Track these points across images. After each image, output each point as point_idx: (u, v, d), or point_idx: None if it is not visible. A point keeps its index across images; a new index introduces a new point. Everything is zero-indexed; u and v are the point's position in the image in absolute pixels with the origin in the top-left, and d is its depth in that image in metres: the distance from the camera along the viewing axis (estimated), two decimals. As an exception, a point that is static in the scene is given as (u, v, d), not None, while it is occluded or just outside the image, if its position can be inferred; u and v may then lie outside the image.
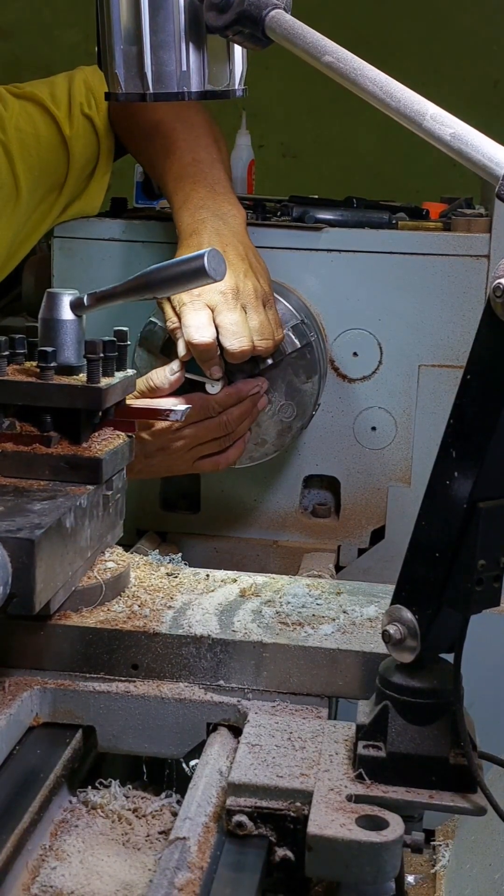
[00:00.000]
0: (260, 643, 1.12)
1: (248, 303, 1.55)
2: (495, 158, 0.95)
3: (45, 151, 1.75)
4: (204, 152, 1.69)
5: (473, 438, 0.93)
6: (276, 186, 2.33)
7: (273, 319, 1.59)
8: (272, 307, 1.60)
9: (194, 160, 1.67)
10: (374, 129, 3.43)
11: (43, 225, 1.81)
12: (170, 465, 1.65)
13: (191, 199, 1.63)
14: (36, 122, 1.75)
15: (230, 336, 1.52)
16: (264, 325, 1.56)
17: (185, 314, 1.52)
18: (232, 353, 1.54)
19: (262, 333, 1.56)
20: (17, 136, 1.72)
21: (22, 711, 1.09)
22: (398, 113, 1.02)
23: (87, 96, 1.77)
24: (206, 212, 1.61)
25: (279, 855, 0.95)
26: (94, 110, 1.77)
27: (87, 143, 1.78)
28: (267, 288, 1.59)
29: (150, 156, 1.75)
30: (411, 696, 0.97)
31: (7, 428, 1.16)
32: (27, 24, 4.00)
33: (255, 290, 1.55)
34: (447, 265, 1.75)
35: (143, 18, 1.20)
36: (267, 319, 1.57)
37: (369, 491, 1.83)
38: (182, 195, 1.64)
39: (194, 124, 1.71)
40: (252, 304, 1.55)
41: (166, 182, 1.69)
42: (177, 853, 0.92)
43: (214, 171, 1.67)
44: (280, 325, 1.61)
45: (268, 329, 1.56)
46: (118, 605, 1.18)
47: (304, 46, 1.09)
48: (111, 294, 1.20)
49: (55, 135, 1.75)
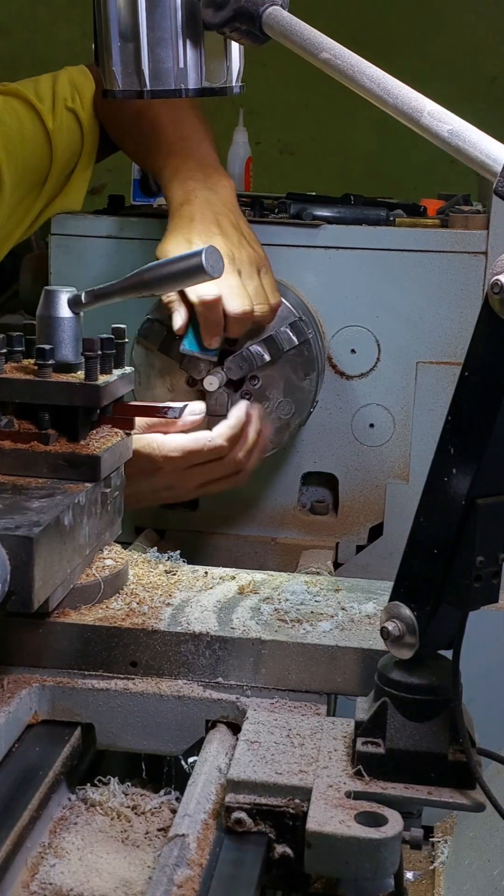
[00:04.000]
0: (258, 640, 1.12)
1: (243, 268, 1.56)
2: (493, 155, 0.95)
3: (29, 145, 1.75)
4: (190, 129, 1.70)
5: (472, 435, 0.93)
6: (274, 183, 2.32)
7: (268, 284, 1.60)
8: (268, 271, 1.61)
9: (181, 137, 1.68)
10: (371, 125, 3.42)
11: (24, 222, 1.81)
12: (177, 496, 1.66)
13: (180, 172, 1.64)
14: (20, 117, 1.75)
15: (232, 298, 1.53)
16: (259, 291, 1.57)
17: None
18: (234, 315, 1.54)
19: (258, 298, 1.57)
20: (2, 130, 1.72)
21: (21, 709, 1.09)
22: (396, 109, 1.02)
23: (71, 91, 1.78)
24: (196, 182, 1.62)
25: (278, 852, 0.95)
26: (78, 104, 1.78)
27: (71, 137, 1.78)
28: (260, 252, 1.61)
29: (138, 141, 1.75)
30: (410, 692, 0.97)
31: (5, 426, 1.16)
32: (24, 22, 3.99)
33: (249, 257, 1.57)
34: (445, 262, 1.75)
35: (140, 15, 1.20)
36: (261, 285, 1.58)
37: (367, 488, 1.83)
38: (171, 169, 1.65)
39: (178, 106, 1.72)
40: (247, 271, 1.56)
41: (155, 160, 1.70)
42: (176, 850, 0.92)
43: (202, 147, 1.68)
44: (276, 289, 1.62)
45: (263, 294, 1.58)
46: (116, 603, 1.18)
47: (302, 43, 1.09)
48: (109, 291, 1.20)
49: (39, 129, 1.76)
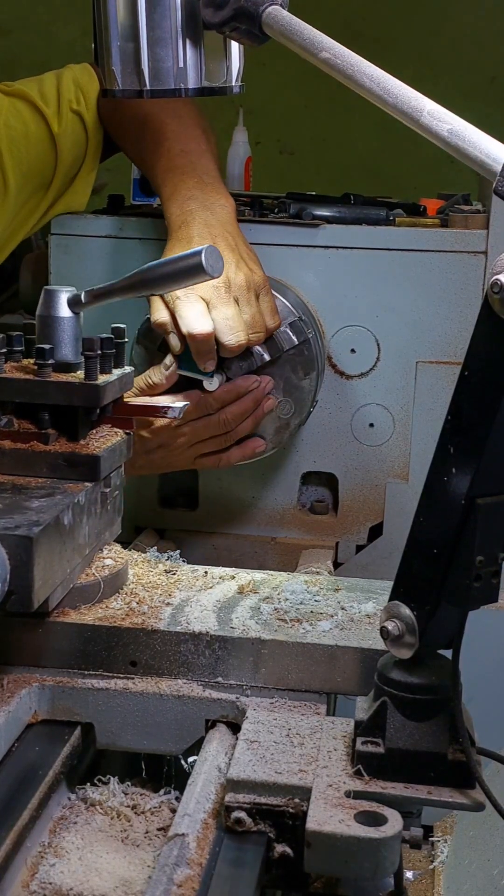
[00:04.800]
0: (258, 640, 1.12)
1: (240, 295, 1.55)
2: (492, 154, 0.95)
3: (33, 148, 1.75)
4: (193, 143, 1.69)
5: (471, 434, 0.93)
6: (274, 183, 2.32)
7: (268, 307, 1.59)
8: (267, 293, 1.60)
9: (183, 151, 1.67)
10: (371, 125, 3.42)
11: (29, 222, 1.81)
12: (170, 461, 1.65)
13: (179, 191, 1.63)
14: (25, 120, 1.74)
15: (226, 331, 1.53)
16: (256, 318, 1.56)
17: (180, 307, 1.52)
18: (228, 348, 1.54)
19: (255, 327, 1.56)
20: (7, 134, 1.72)
21: (20, 708, 1.09)
22: (395, 109, 1.02)
23: (76, 93, 1.77)
24: (195, 203, 1.61)
25: (278, 851, 0.95)
26: (83, 106, 1.77)
27: (76, 139, 1.78)
28: (259, 275, 1.59)
29: (140, 149, 1.75)
30: (410, 692, 0.97)
31: (5, 425, 1.16)
32: (23, 21, 3.99)
33: (246, 282, 1.56)
34: (445, 261, 1.75)
35: (139, 15, 1.20)
36: (259, 311, 1.57)
37: (367, 487, 1.83)
38: (171, 187, 1.64)
39: (182, 115, 1.71)
40: (244, 297, 1.55)
41: (155, 174, 1.69)
42: (176, 850, 0.92)
43: (203, 162, 1.67)
44: (275, 311, 1.61)
45: (259, 322, 1.57)
46: (116, 602, 1.18)
47: (302, 43, 1.09)
48: (109, 291, 1.20)
49: (44, 132, 1.75)
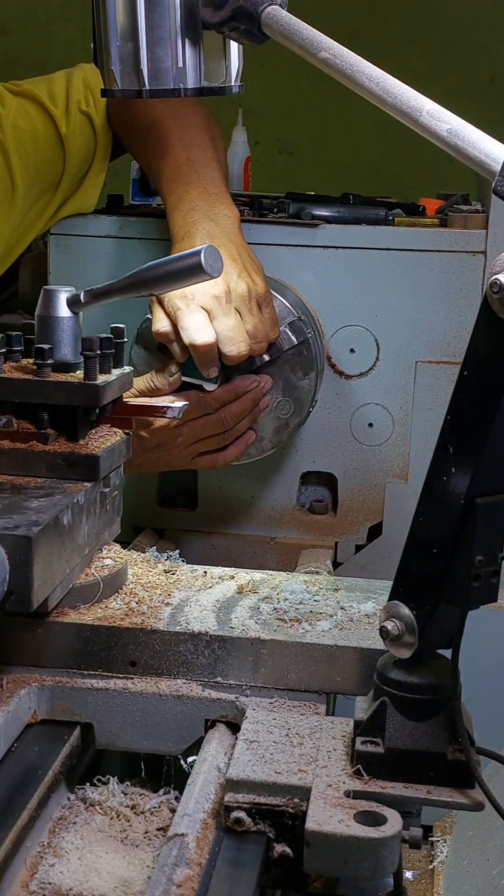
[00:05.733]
0: (258, 640, 1.12)
1: (241, 305, 1.55)
2: (492, 154, 0.95)
3: (42, 150, 1.74)
4: (199, 151, 1.68)
5: (471, 434, 0.93)
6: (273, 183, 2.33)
7: (269, 317, 1.59)
8: (269, 304, 1.60)
9: (188, 160, 1.67)
10: (370, 125, 3.42)
11: (38, 223, 1.81)
12: (168, 460, 1.65)
13: (183, 201, 1.63)
14: (33, 120, 1.74)
15: (228, 342, 1.53)
16: (258, 328, 1.56)
17: (182, 318, 1.52)
18: (230, 358, 1.54)
19: (256, 336, 1.56)
20: (15, 135, 1.72)
21: (20, 708, 1.09)
22: (395, 109, 1.02)
23: (85, 94, 1.76)
24: (198, 213, 1.61)
25: (277, 851, 0.95)
26: (92, 107, 1.76)
27: (84, 140, 1.77)
28: (262, 285, 1.59)
29: (147, 155, 1.75)
30: (409, 692, 0.97)
31: (4, 425, 1.16)
32: (22, 21, 3.99)
33: (248, 292, 1.55)
34: (444, 261, 1.75)
35: (139, 15, 1.20)
36: (260, 321, 1.57)
37: (367, 487, 1.83)
38: (175, 197, 1.64)
39: (190, 123, 1.71)
40: (245, 307, 1.55)
41: (160, 182, 1.69)
42: (175, 850, 0.92)
43: (208, 171, 1.67)
44: (276, 322, 1.61)
45: (262, 331, 1.57)
46: (116, 602, 1.18)
47: (301, 43, 1.09)
48: (108, 291, 1.20)
49: (52, 133, 1.75)
